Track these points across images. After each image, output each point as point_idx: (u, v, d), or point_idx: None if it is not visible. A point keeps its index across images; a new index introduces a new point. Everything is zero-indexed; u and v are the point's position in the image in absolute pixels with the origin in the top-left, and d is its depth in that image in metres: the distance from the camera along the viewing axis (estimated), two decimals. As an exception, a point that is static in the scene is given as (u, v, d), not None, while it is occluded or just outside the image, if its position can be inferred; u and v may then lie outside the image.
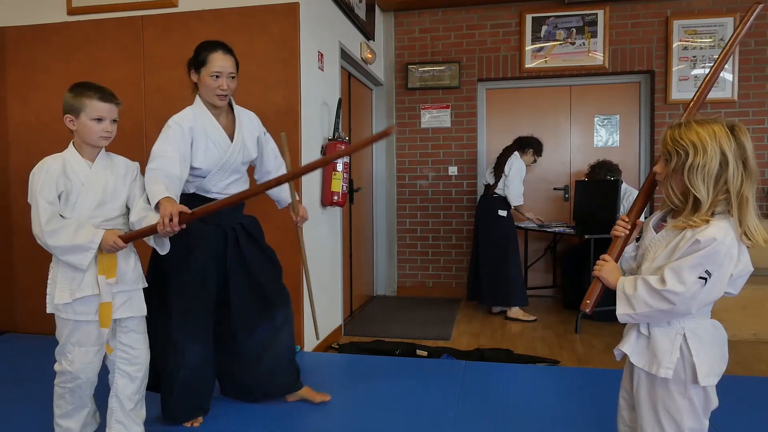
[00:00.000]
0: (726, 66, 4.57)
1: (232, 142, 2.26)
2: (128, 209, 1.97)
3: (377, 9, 4.92)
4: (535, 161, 4.48)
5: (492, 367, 3.04)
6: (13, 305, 3.70)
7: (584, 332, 3.89)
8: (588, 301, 1.48)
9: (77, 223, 1.82)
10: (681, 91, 4.71)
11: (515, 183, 4.29)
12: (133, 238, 1.89)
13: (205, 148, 2.19)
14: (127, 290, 1.92)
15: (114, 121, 1.90)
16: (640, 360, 1.42)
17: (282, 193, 2.51)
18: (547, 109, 5.12)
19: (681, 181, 1.34)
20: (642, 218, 1.55)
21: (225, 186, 2.28)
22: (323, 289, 3.63)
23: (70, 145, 1.91)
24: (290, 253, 3.18)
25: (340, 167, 3.52)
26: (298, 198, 2.39)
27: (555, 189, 5.11)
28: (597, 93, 5.06)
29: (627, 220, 1.51)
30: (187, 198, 2.20)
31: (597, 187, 4.35)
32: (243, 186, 2.36)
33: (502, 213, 4.34)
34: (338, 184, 3.51)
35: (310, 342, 3.36)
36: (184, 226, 1.88)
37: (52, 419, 1.97)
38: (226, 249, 2.28)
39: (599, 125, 5.06)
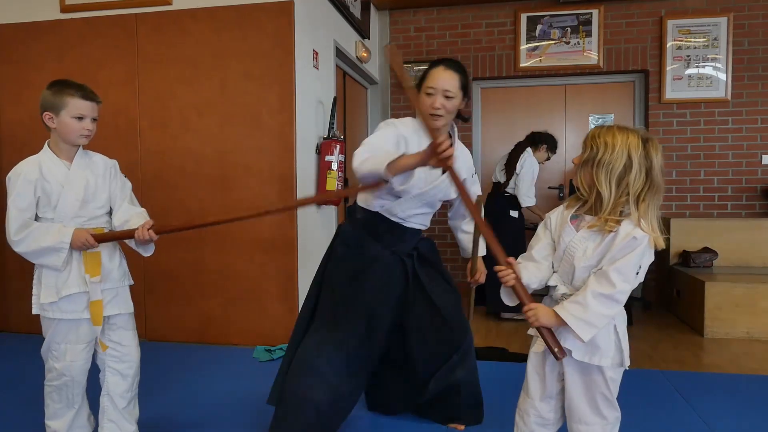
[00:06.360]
0: (719, 65, 4.65)
1: (442, 174, 1.98)
2: (111, 208, 1.93)
3: (372, 7, 4.92)
4: (548, 158, 4.32)
5: (486, 365, 3.04)
6: (5, 305, 3.68)
7: (578, 331, 3.90)
8: (556, 350, 1.46)
9: (45, 226, 1.78)
10: (675, 91, 4.73)
11: (526, 182, 4.09)
12: (107, 239, 1.85)
13: None
14: (113, 287, 1.89)
15: (94, 119, 1.85)
16: (585, 355, 1.47)
17: (471, 245, 2.24)
18: (542, 108, 5.13)
19: (589, 173, 1.45)
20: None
21: (411, 214, 2.10)
22: (318, 288, 3.62)
23: (45, 147, 1.87)
24: (283, 250, 3.19)
25: (335, 166, 3.52)
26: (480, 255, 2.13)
27: (549, 188, 5.12)
28: (591, 92, 5.07)
29: (504, 266, 1.50)
30: (371, 216, 2.08)
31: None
32: (427, 220, 2.20)
33: (514, 214, 4.15)
34: (333, 183, 3.51)
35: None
36: (156, 237, 1.80)
37: (43, 420, 1.95)
38: (404, 276, 2.13)
39: (594, 124, 5.07)
